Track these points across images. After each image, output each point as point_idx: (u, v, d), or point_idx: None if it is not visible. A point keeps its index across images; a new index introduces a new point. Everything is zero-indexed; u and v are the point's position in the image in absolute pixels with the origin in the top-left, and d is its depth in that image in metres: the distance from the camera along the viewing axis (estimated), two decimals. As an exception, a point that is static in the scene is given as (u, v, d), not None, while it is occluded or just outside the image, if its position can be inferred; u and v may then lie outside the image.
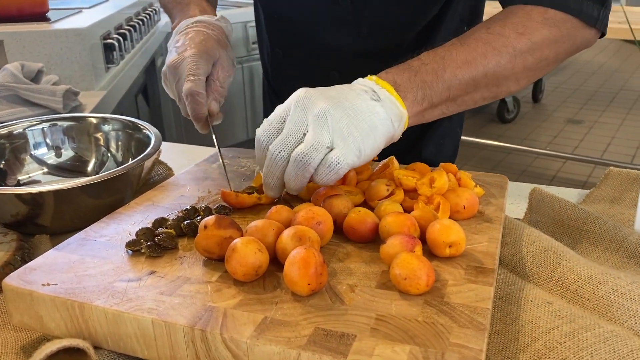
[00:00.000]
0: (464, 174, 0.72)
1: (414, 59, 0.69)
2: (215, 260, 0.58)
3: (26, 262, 0.60)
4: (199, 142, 1.20)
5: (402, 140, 1.05)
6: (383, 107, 0.63)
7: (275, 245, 0.57)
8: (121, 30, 1.86)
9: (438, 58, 0.68)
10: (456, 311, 0.49)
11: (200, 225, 0.59)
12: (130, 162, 0.77)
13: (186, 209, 0.67)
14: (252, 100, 3.26)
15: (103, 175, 0.73)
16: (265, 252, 0.55)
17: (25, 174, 0.90)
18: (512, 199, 0.86)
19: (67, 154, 0.94)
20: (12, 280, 0.55)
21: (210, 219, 0.58)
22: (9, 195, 0.71)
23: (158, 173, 0.93)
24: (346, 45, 0.95)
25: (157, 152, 0.82)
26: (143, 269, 0.57)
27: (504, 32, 0.70)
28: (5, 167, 0.89)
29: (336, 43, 0.96)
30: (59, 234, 0.74)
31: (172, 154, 1.05)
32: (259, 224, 0.59)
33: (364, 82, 0.66)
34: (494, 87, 0.71)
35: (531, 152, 3.50)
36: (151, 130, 0.87)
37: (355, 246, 0.61)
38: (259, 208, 0.71)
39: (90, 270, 0.57)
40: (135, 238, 0.61)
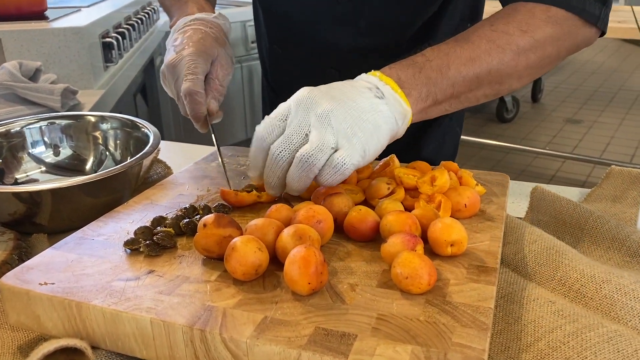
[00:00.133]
0: (465, 173, 0.72)
1: (417, 55, 0.69)
2: (215, 259, 0.58)
3: (23, 262, 0.59)
4: (198, 141, 1.20)
5: (402, 139, 1.04)
6: (387, 105, 0.63)
7: (275, 244, 0.56)
8: (120, 29, 1.86)
9: (442, 54, 0.68)
10: (458, 310, 0.49)
11: (200, 224, 0.58)
12: (129, 161, 0.76)
13: (185, 208, 0.67)
14: (251, 99, 3.26)
15: (101, 173, 0.73)
16: (265, 251, 0.54)
17: (23, 173, 0.89)
18: (513, 197, 0.86)
19: (65, 152, 0.93)
20: (9, 279, 0.54)
21: (210, 217, 0.58)
22: (6, 193, 0.70)
23: (157, 172, 0.93)
24: (345, 43, 0.95)
25: (156, 151, 0.82)
26: (141, 268, 0.56)
27: (508, 30, 0.69)
28: (3, 166, 0.88)
29: (335, 41, 0.95)
30: (57, 233, 0.73)
31: (171, 153, 1.04)
32: (258, 222, 0.59)
33: (367, 79, 0.65)
34: (496, 85, 0.71)
35: (530, 152, 3.50)
36: (150, 129, 0.86)
37: (356, 245, 0.61)
38: (258, 207, 0.70)
39: (87, 270, 0.56)
40: (133, 237, 0.61)
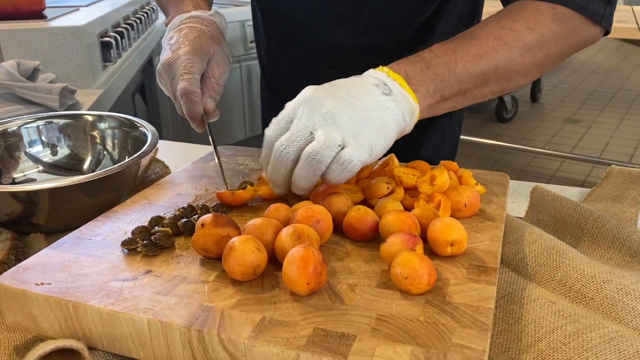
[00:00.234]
0: (465, 172, 0.71)
1: (425, 51, 0.69)
2: (213, 259, 0.57)
3: (20, 262, 0.59)
4: (197, 141, 1.19)
5: (401, 139, 1.04)
6: (394, 102, 0.63)
7: (274, 244, 0.56)
8: (118, 29, 1.85)
9: (450, 51, 0.68)
10: (458, 311, 0.49)
11: (197, 223, 0.58)
12: (127, 160, 0.76)
13: (183, 207, 0.66)
14: (250, 99, 3.25)
15: (99, 173, 0.72)
16: (264, 251, 0.54)
17: (20, 172, 0.89)
18: (513, 197, 0.86)
19: (63, 152, 0.93)
20: (5, 279, 0.54)
21: (208, 217, 0.57)
22: (3, 193, 0.70)
23: (155, 171, 0.92)
24: (344, 43, 0.95)
25: (154, 150, 0.81)
26: (139, 268, 0.56)
27: (515, 27, 0.69)
28: (0, 166, 0.88)
29: (334, 40, 0.95)
30: (54, 232, 0.72)
31: (170, 153, 1.04)
32: (257, 222, 0.58)
33: (375, 75, 0.65)
34: (504, 81, 0.71)
35: (530, 152, 3.49)
36: (148, 128, 0.86)
37: (355, 245, 0.60)
38: (257, 206, 0.70)
39: (85, 270, 0.56)
40: (131, 237, 0.60)
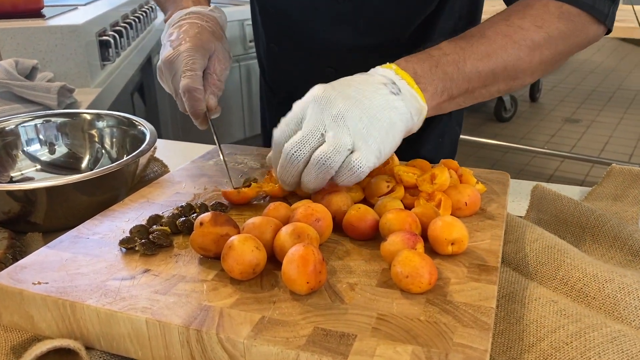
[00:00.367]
0: (465, 171, 0.71)
1: (433, 48, 0.68)
2: (212, 258, 0.57)
3: (18, 261, 0.58)
4: (196, 140, 1.19)
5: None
6: (403, 101, 0.62)
7: (273, 243, 0.56)
8: (117, 28, 1.85)
9: (458, 49, 0.67)
10: (459, 310, 0.48)
11: (196, 222, 0.57)
12: (125, 159, 0.75)
13: (181, 206, 0.66)
14: (249, 99, 3.25)
15: (97, 171, 0.72)
16: (263, 250, 0.53)
17: (17, 171, 0.88)
18: (513, 196, 0.85)
19: (61, 150, 0.92)
20: (2, 278, 0.53)
21: (206, 216, 0.57)
22: (0, 192, 0.69)
23: (153, 170, 0.92)
24: (343, 42, 0.94)
25: (153, 149, 0.81)
26: (137, 267, 0.55)
27: (523, 25, 0.69)
28: (-3, 164, 0.87)
29: (333, 39, 0.94)
30: (52, 232, 0.72)
31: (168, 152, 1.03)
32: (256, 221, 0.58)
33: (383, 72, 0.64)
34: (511, 80, 0.71)
35: (529, 151, 3.49)
36: (146, 127, 0.85)
37: (355, 244, 0.60)
38: (256, 205, 0.69)
39: (82, 269, 0.55)
40: (129, 235, 0.60)
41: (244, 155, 0.85)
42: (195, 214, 0.64)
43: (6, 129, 0.89)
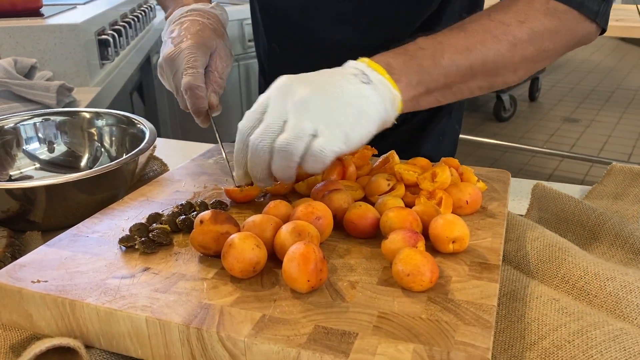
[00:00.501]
0: (466, 169, 0.71)
1: (410, 43, 0.67)
2: (212, 256, 0.56)
3: (17, 259, 0.58)
4: (195, 139, 1.18)
5: (401, 137, 1.02)
6: (374, 90, 0.61)
7: (274, 241, 0.55)
8: (116, 27, 1.84)
9: (436, 43, 0.66)
10: (461, 308, 0.48)
11: (196, 220, 0.57)
12: (124, 157, 0.75)
13: (181, 204, 0.66)
14: (248, 98, 3.24)
15: (96, 170, 0.71)
16: (263, 248, 0.53)
17: (16, 170, 0.88)
18: (513, 195, 0.85)
19: (60, 149, 0.92)
20: (1, 277, 0.53)
21: (207, 214, 0.57)
22: (-1, 190, 0.69)
23: (153, 169, 0.92)
24: (344, 41, 0.94)
25: (152, 147, 0.81)
26: (137, 266, 0.55)
27: (505, 20, 0.68)
28: (-4, 163, 0.87)
29: (334, 38, 0.94)
30: (51, 230, 0.72)
31: (168, 151, 1.03)
32: (256, 219, 0.57)
33: (355, 65, 0.64)
34: (491, 77, 0.69)
35: (528, 151, 3.49)
36: (146, 125, 0.85)
37: (356, 242, 0.60)
38: (257, 203, 0.69)
39: (82, 267, 0.55)
40: (128, 234, 0.59)
41: (244, 154, 0.85)
42: (195, 212, 0.64)
43: (5, 127, 0.88)
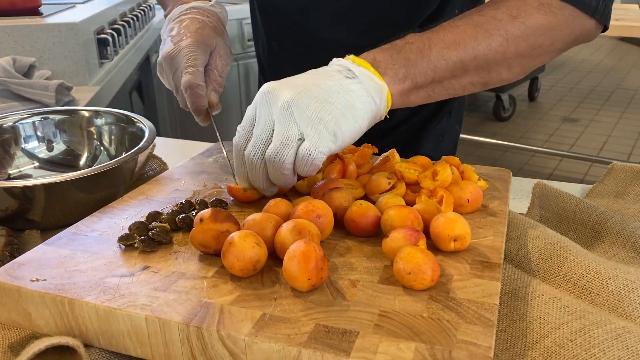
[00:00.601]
0: (467, 167, 0.70)
1: (399, 39, 0.67)
2: (212, 255, 0.56)
3: (15, 258, 0.58)
4: (195, 138, 1.18)
5: (401, 137, 1.02)
6: (360, 84, 0.60)
7: (274, 239, 0.55)
8: (115, 26, 1.84)
9: (424, 38, 0.66)
10: (462, 307, 0.48)
11: (196, 218, 0.56)
12: (123, 156, 0.75)
13: (181, 203, 0.65)
14: (248, 98, 3.24)
15: (95, 168, 0.71)
16: (264, 246, 0.53)
17: (15, 168, 0.88)
18: (514, 194, 0.85)
19: (59, 147, 0.91)
20: (0, 275, 0.53)
21: (206, 212, 0.56)
22: (-2, 189, 0.68)
23: (152, 168, 0.91)
24: (344, 41, 0.93)
25: (151, 146, 0.80)
26: (136, 264, 0.55)
27: (497, 15, 0.67)
28: (-5, 161, 0.86)
29: (334, 38, 0.94)
30: (50, 229, 0.71)
31: (167, 150, 1.02)
32: (256, 217, 0.57)
33: (339, 62, 0.63)
34: (484, 72, 0.68)
35: (528, 150, 3.49)
36: (145, 124, 0.85)
37: (357, 240, 0.59)
38: (257, 202, 0.69)
39: (81, 266, 0.55)
40: (128, 232, 0.59)
41: (244, 153, 0.84)
42: (195, 211, 0.64)
43: (4, 126, 0.88)
